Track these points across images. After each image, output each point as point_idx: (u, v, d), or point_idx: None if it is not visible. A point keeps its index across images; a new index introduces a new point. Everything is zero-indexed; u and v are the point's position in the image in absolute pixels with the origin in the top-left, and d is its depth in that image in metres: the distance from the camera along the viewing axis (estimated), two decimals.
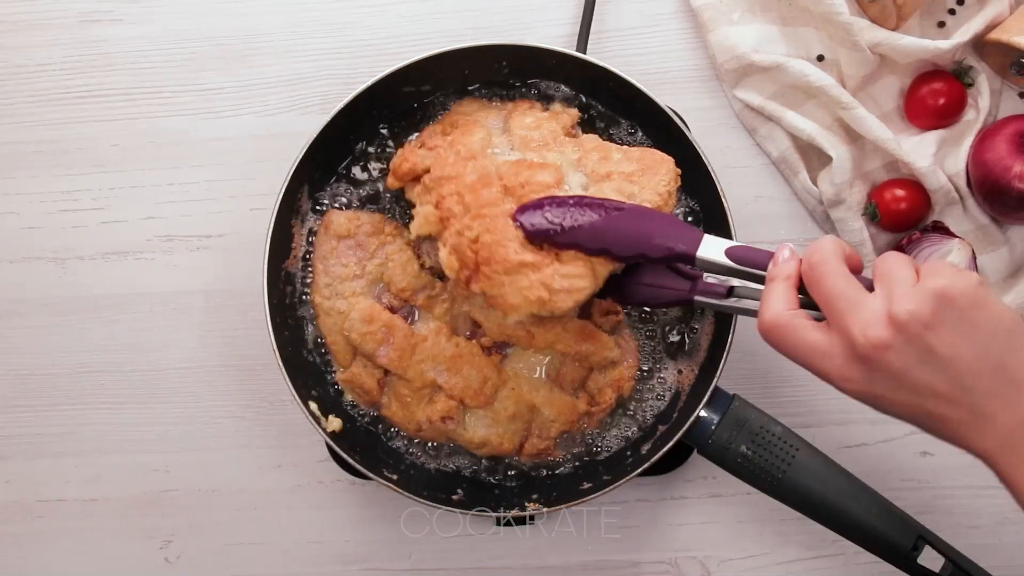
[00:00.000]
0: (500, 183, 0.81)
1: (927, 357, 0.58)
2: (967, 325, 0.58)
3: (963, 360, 0.58)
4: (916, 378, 0.59)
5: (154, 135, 0.99)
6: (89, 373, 0.98)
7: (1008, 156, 0.88)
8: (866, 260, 0.93)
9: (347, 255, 0.90)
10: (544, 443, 0.89)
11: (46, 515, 0.98)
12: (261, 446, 0.97)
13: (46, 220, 0.99)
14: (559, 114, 0.90)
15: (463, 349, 0.87)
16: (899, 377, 0.59)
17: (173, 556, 0.98)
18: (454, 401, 0.87)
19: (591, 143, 0.86)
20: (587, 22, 0.94)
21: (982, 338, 0.58)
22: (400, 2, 0.99)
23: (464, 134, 0.85)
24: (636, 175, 0.81)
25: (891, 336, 0.58)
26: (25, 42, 0.99)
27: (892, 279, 0.60)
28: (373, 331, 0.87)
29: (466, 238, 0.78)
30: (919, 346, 0.58)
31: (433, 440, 0.90)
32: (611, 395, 0.89)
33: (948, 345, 0.58)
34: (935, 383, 0.59)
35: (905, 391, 0.60)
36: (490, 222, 0.78)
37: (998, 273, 0.94)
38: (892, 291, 0.59)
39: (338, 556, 0.97)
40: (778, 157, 0.96)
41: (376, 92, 0.88)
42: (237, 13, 0.99)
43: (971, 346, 0.58)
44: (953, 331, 0.58)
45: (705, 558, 0.97)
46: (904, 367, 0.59)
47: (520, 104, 0.91)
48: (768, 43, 0.95)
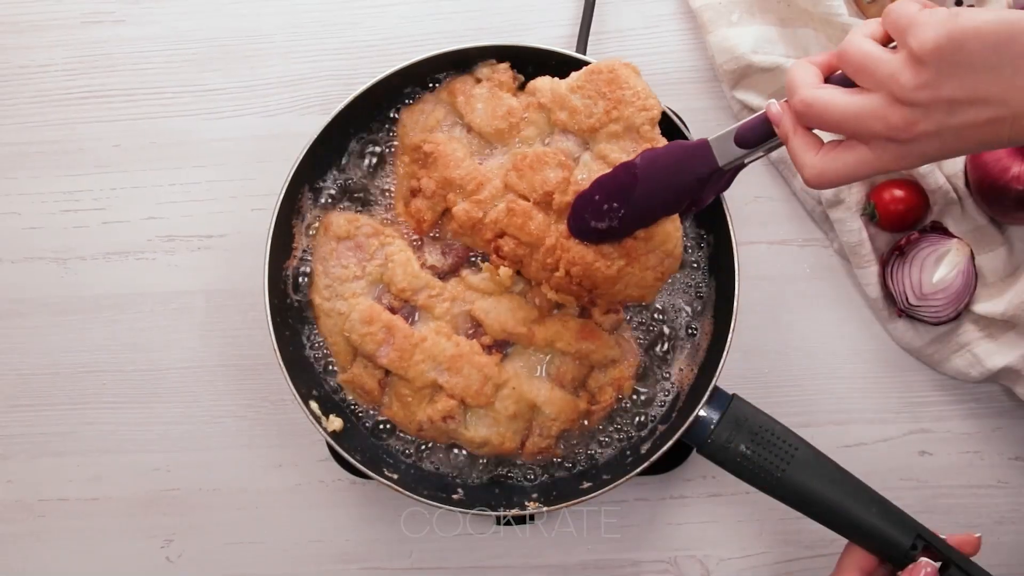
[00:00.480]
0: (516, 192, 0.84)
1: (975, 66, 0.57)
2: (1005, 48, 0.57)
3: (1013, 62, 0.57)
4: (972, 86, 0.58)
5: (156, 135, 0.99)
6: (90, 373, 0.99)
7: (1006, 157, 0.89)
8: (864, 261, 0.94)
9: (347, 256, 0.90)
10: (545, 442, 0.89)
11: (48, 514, 0.98)
12: (262, 445, 0.98)
13: (48, 220, 0.99)
14: (494, 78, 0.89)
15: (463, 348, 0.87)
16: (957, 87, 0.58)
17: (174, 555, 0.98)
18: (455, 401, 0.87)
19: (544, 95, 0.86)
20: (587, 23, 0.94)
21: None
22: (400, 3, 0.99)
23: (448, 167, 0.86)
24: (608, 107, 0.83)
25: (937, 49, 0.58)
26: (27, 43, 1.00)
27: (914, 19, 0.60)
28: (373, 332, 0.87)
29: (559, 277, 0.82)
30: (963, 58, 0.57)
31: (434, 440, 0.91)
32: (611, 394, 0.89)
33: (991, 57, 0.57)
34: (991, 85, 0.57)
35: (963, 108, 0.58)
36: (565, 254, 0.81)
37: (996, 273, 0.94)
38: (915, 21, 0.60)
39: (338, 555, 0.97)
40: (777, 157, 0.97)
41: (377, 92, 0.88)
42: (238, 14, 1.00)
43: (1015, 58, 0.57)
44: (995, 51, 0.57)
45: (704, 557, 0.97)
46: (957, 75, 0.58)
47: (453, 88, 0.89)
48: (767, 44, 0.95)
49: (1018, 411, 0.96)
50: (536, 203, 0.84)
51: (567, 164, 0.84)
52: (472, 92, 0.88)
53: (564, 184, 0.83)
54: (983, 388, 0.97)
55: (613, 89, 0.83)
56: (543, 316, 0.88)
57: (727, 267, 0.88)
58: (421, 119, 0.90)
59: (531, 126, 0.87)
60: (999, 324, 0.93)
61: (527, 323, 0.87)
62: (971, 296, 0.93)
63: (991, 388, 0.97)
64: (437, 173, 0.87)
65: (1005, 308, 0.91)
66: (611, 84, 0.83)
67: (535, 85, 0.87)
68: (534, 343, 0.87)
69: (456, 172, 0.86)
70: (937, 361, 0.96)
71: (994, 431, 0.96)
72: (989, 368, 0.93)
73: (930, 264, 0.92)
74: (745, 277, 0.87)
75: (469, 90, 0.89)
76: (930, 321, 0.93)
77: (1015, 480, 0.96)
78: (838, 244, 0.96)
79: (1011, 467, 0.96)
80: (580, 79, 0.84)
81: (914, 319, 0.94)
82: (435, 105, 0.90)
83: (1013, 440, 0.96)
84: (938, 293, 0.92)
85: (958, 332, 0.94)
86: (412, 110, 0.91)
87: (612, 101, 0.83)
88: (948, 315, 0.92)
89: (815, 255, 0.97)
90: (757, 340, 0.96)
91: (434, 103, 0.90)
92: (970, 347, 0.94)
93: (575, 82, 0.84)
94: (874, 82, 0.62)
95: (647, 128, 0.83)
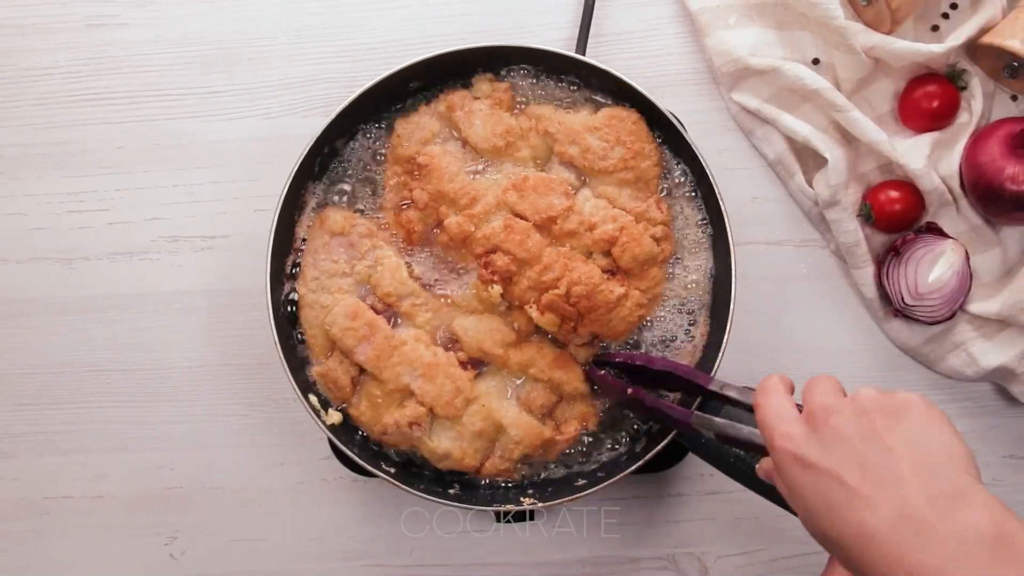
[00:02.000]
0: (513, 211, 0.87)
1: (868, 435, 0.59)
2: (917, 432, 0.59)
3: (902, 453, 0.58)
4: (851, 447, 0.59)
5: (159, 137, 1.00)
6: (94, 372, 0.99)
7: (1001, 158, 0.89)
8: (860, 261, 0.94)
9: (338, 252, 0.90)
10: (504, 464, 0.89)
11: (53, 512, 0.99)
12: (264, 444, 0.99)
13: (53, 221, 1.00)
14: (494, 96, 0.90)
15: (440, 359, 0.87)
16: (834, 444, 0.60)
17: (178, 552, 0.99)
18: (424, 408, 0.87)
19: (551, 125, 0.88)
20: (586, 26, 0.94)
21: (927, 447, 0.58)
22: (402, 6, 1.00)
23: (442, 180, 0.87)
24: (626, 156, 0.88)
25: (845, 404, 0.61)
26: (32, 46, 1.01)
27: (858, 390, 0.63)
28: (355, 327, 0.87)
29: (555, 295, 0.85)
30: (865, 423, 0.59)
31: (396, 446, 0.90)
32: (575, 428, 0.89)
33: (892, 434, 0.59)
34: (868, 459, 0.58)
35: (835, 458, 0.60)
36: (570, 273, 0.85)
37: (991, 274, 0.95)
38: (859, 388, 0.62)
39: (340, 552, 0.98)
40: (774, 159, 0.97)
41: (378, 93, 0.89)
42: (241, 17, 1.00)
43: (913, 448, 0.58)
44: (901, 429, 0.59)
45: (702, 554, 0.98)
46: (844, 434, 0.60)
47: (451, 101, 0.90)
48: (764, 47, 0.96)
49: (1012, 410, 0.97)
50: (535, 224, 0.86)
51: (571, 194, 0.87)
52: (472, 107, 0.89)
53: (567, 212, 0.86)
54: (978, 387, 0.97)
55: (634, 141, 0.87)
56: (520, 341, 0.89)
57: (724, 267, 0.88)
58: (415, 131, 0.90)
59: (527, 148, 0.89)
60: (994, 324, 0.94)
61: (504, 345, 0.88)
62: (966, 296, 0.93)
63: (986, 387, 0.97)
64: (431, 185, 0.88)
65: (1000, 308, 0.92)
66: (633, 135, 0.87)
67: (538, 112, 0.89)
68: (508, 366, 0.88)
69: (450, 186, 0.87)
70: (932, 360, 0.96)
71: (989, 429, 0.97)
72: (984, 367, 0.94)
73: (925, 264, 0.92)
74: (742, 277, 0.88)
75: (468, 105, 0.90)
76: (925, 321, 0.94)
77: (1009, 478, 0.97)
78: (835, 245, 0.97)
79: (1005, 465, 0.97)
80: (599, 120, 0.88)
81: (910, 319, 0.95)
82: (430, 117, 0.91)
83: (1007, 438, 0.97)
84: (933, 293, 0.92)
85: (953, 332, 0.95)
86: (407, 121, 0.91)
87: (632, 151, 0.87)
88: (943, 315, 0.93)
89: (812, 255, 0.98)
90: (753, 339, 0.97)
91: (429, 115, 0.91)
92: (965, 346, 0.95)
93: (593, 122, 0.87)
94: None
95: (655, 183, 0.89)
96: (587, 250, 0.87)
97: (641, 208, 0.88)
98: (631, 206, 0.88)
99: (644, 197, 0.89)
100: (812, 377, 0.65)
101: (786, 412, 0.64)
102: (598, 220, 0.87)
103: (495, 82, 0.91)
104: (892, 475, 0.58)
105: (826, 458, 0.60)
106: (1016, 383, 0.94)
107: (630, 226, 0.87)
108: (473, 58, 0.90)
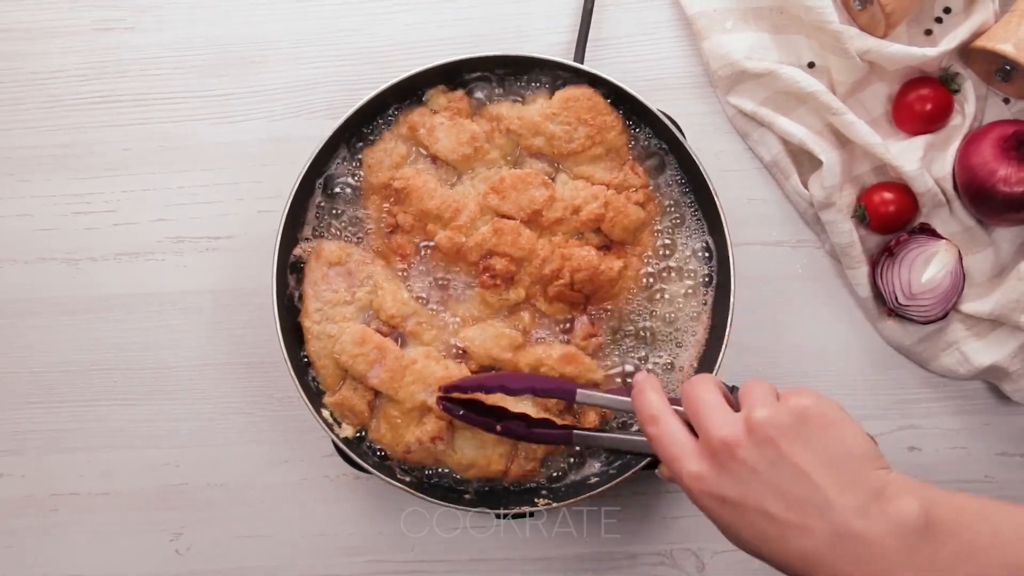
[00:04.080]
0: (498, 213, 0.88)
1: (777, 461, 0.59)
2: (822, 443, 0.59)
3: (815, 472, 0.58)
4: (765, 478, 0.59)
5: (165, 139, 1.01)
6: (101, 371, 1.00)
7: (993, 160, 0.90)
8: (855, 261, 0.95)
9: (337, 281, 0.90)
10: (530, 464, 0.90)
11: (60, 508, 1.00)
12: (268, 441, 1.00)
13: (60, 222, 1.01)
14: (451, 106, 0.91)
15: (453, 372, 0.88)
16: (748, 478, 0.60)
17: (183, 548, 1.00)
18: (444, 422, 0.88)
19: (512, 122, 0.90)
20: (584, 31, 0.95)
21: (836, 456, 0.59)
22: (405, 11, 1.01)
23: (422, 199, 0.89)
24: (590, 133, 0.89)
25: (744, 435, 0.60)
26: (40, 49, 1.01)
27: (754, 396, 0.62)
28: (365, 352, 0.88)
29: (560, 285, 0.87)
30: (771, 450, 0.59)
31: (420, 463, 0.91)
32: (595, 418, 0.90)
33: (800, 455, 0.59)
34: (785, 487, 0.59)
35: (753, 493, 0.60)
36: (568, 261, 0.87)
37: (983, 274, 0.96)
38: (753, 403, 0.61)
39: (343, 548, 0.99)
40: (770, 161, 0.98)
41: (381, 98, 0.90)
42: (246, 21, 1.01)
43: (823, 461, 0.59)
44: (807, 446, 0.59)
45: (699, 550, 0.99)
46: (754, 466, 0.60)
47: (411, 121, 0.91)
48: (760, 50, 0.97)
49: (1004, 408, 0.98)
50: (523, 221, 0.88)
51: (549, 183, 0.89)
52: (433, 123, 0.90)
53: (550, 201, 0.88)
54: (970, 385, 0.98)
55: (594, 116, 0.89)
56: (527, 342, 0.90)
57: (724, 267, 0.90)
58: (384, 157, 0.91)
59: (495, 149, 0.90)
60: (986, 323, 0.95)
61: (512, 349, 0.89)
62: (959, 296, 0.94)
63: (978, 385, 0.98)
64: (412, 207, 0.89)
65: (992, 307, 0.93)
66: (591, 111, 0.89)
67: (496, 112, 0.91)
68: (519, 368, 0.89)
69: (431, 203, 0.89)
70: (926, 359, 0.97)
71: (981, 427, 0.98)
72: (976, 366, 0.94)
73: (919, 265, 0.93)
74: (739, 277, 0.89)
75: (428, 121, 0.91)
76: (919, 320, 0.95)
77: (1001, 475, 0.98)
78: (829, 245, 0.98)
79: (997, 462, 0.98)
80: (556, 106, 0.89)
81: (903, 318, 0.96)
82: (396, 142, 0.92)
83: (999, 436, 0.98)
84: (927, 293, 0.93)
85: (946, 331, 0.96)
86: (374, 150, 0.92)
87: (595, 127, 0.89)
88: (936, 314, 0.94)
89: (807, 256, 0.99)
90: (750, 338, 0.97)
91: (395, 140, 0.92)
92: (958, 345, 0.96)
93: (551, 109, 0.89)
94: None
95: (624, 150, 0.91)
96: (577, 232, 0.89)
97: (619, 179, 0.90)
98: (609, 178, 0.90)
99: (618, 166, 0.91)
100: (747, 381, 0.64)
101: (684, 445, 0.63)
102: (581, 202, 0.89)
103: (448, 92, 0.92)
104: (814, 498, 0.58)
105: (744, 493, 0.60)
106: (1008, 381, 0.95)
107: (613, 200, 0.89)
108: (479, 66, 0.91)
